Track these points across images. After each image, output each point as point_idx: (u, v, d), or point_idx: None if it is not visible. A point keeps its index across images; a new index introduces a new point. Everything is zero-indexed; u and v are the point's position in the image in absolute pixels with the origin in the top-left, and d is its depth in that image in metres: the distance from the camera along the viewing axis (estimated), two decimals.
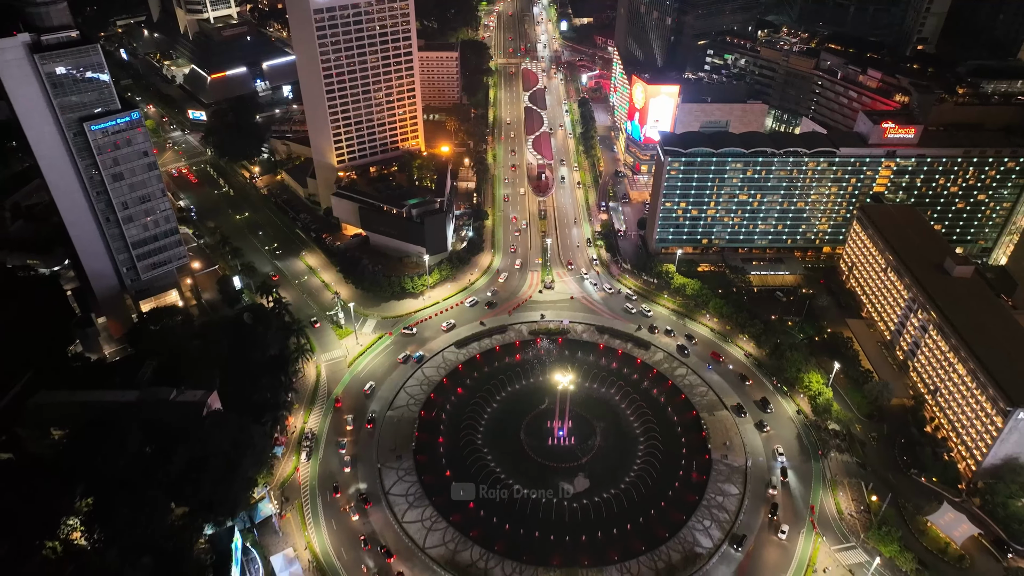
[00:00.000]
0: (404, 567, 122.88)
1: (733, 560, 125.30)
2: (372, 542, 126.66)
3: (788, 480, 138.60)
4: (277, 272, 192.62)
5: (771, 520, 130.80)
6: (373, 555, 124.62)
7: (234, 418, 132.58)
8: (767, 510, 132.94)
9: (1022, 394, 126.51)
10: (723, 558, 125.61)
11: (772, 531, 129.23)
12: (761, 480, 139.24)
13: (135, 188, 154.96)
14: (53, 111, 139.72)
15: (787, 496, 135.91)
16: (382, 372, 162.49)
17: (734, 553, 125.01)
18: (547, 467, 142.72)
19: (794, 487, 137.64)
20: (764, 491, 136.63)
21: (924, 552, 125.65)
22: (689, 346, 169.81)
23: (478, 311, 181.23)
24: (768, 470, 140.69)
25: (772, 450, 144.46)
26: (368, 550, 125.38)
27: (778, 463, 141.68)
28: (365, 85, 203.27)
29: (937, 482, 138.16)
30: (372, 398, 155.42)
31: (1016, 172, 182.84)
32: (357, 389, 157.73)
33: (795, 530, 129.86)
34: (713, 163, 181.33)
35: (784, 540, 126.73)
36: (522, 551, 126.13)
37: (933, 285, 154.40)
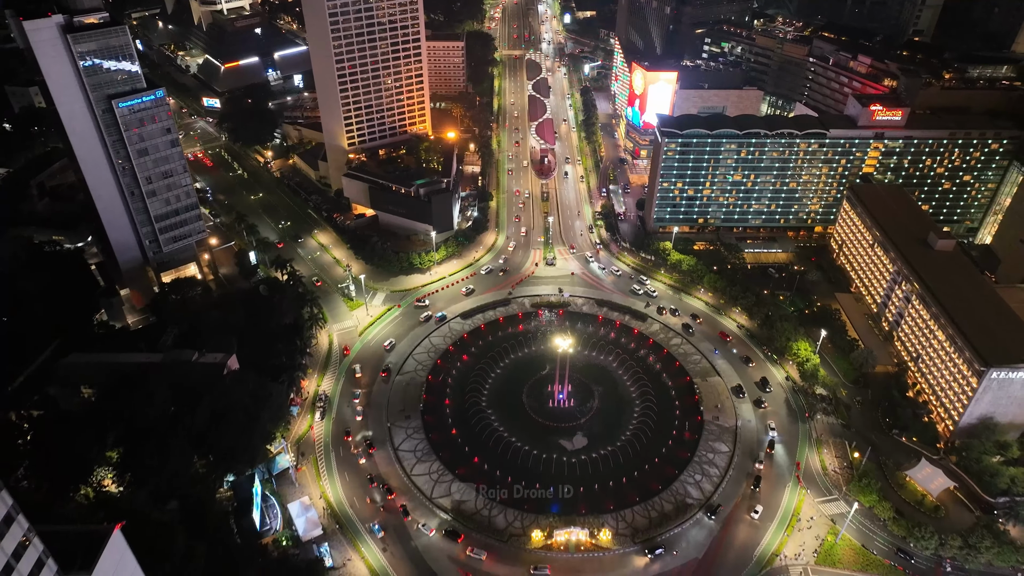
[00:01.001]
0: (404, 500, 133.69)
1: (721, 512, 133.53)
2: (377, 480, 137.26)
3: (774, 452, 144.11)
4: (286, 245, 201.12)
5: (753, 491, 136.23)
6: (378, 491, 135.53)
7: (253, 376, 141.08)
8: (750, 483, 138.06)
9: (996, 355, 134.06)
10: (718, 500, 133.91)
11: (751, 501, 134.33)
12: (750, 440, 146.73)
13: (158, 164, 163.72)
14: (84, 89, 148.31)
15: (770, 466, 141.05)
16: (397, 335, 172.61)
17: (707, 520, 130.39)
18: (548, 427, 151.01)
19: (780, 457, 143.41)
20: (751, 464, 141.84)
21: (901, 503, 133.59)
22: (694, 325, 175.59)
23: (493, 279, 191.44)
24: (758, 443, 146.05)
25: (765, 424, 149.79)
26: (374, 487, 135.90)
27: (768, 436, 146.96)
28: (375, 71, 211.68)
29: (917, 441, 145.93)
30: (391, 353, 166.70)
31: (1000, 154, 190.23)
32: (368, 356, 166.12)
33: (780, 489, 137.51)
34: (708, 144, 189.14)
35: (756, 520, 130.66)
36: (523, 501, 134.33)
37: (916, 258, 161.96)
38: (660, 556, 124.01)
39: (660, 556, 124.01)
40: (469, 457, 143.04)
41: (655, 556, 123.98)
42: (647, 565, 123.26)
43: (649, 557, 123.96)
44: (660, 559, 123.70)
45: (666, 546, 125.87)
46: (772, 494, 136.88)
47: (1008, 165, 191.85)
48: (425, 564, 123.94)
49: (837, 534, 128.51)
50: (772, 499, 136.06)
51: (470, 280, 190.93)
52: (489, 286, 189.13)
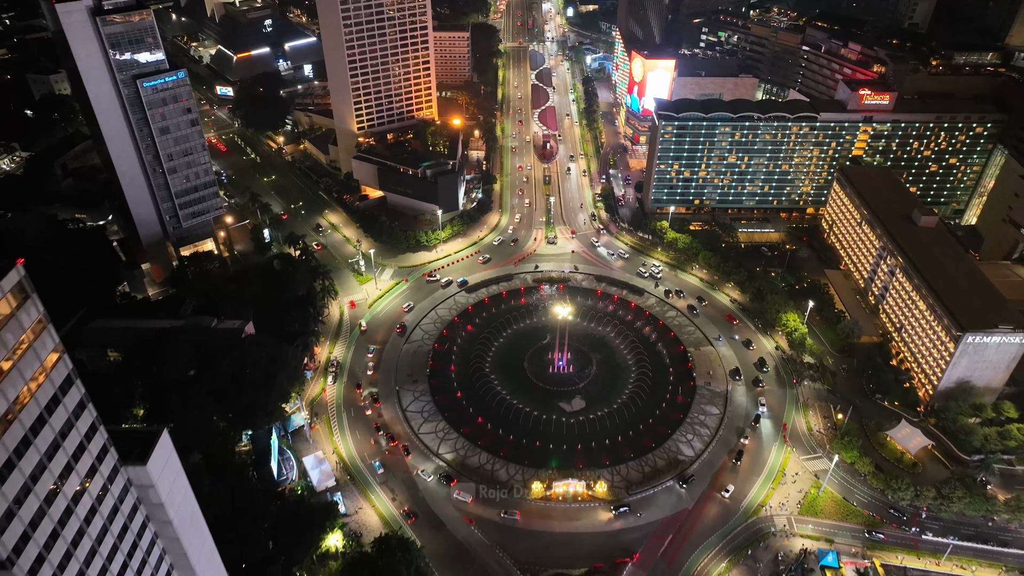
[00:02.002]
0: (401, 449, 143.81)
1: (714, 462, 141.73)
2: (383, 429, 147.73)
3: (759, 425, 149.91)
4: (299, 220, 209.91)
5: (735, 464, 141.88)
6: (384, 438, 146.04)
7: (270, 339, 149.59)
8: (731, 456, 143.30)
9: (971, 321, 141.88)
10: (704, 463, 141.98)
11: (727, 477, 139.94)
12: (740, 416, 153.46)
13: (179, 142, 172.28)
14: (110, 69, 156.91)
15: (756, 438, 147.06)
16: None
17: (683, 492, 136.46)
18: (548, 391, 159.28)
19: (767, 426, 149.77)
20: (735, 438, 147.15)
21: (881, 460, 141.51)
22: (699, 307, 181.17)
23: (505, 249, 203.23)
24: (746, 418, 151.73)
25: (756, 400, 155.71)
26: (380, 434, 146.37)
27: (757, 411, 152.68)
28: (384, 60, 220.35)
29: (898, 405, 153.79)
30: (409, 312, 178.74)
31: (984, 137, 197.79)
32: (378, 325, 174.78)
33: (767, 448, 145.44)
34: (703, 127, 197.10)
35: (726, 498, 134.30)
36: (524, 457, 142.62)
37: (901, 234, 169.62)
38: (624, 514, 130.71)
39: (624, 514, 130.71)
40: (473, 418, 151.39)
41: (619, 513, 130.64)
42: (616, 518, 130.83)
43: (613, 513, 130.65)
44: (623, 517, 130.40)
45: (632, 506, 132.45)
46: (759, 452, 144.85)
47: (992, 148, 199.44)
48: (432, 512, 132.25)
49: (820, 487, 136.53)
50: (759, 457, 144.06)
51: (479, 254, 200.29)
52: (495, 262, 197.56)
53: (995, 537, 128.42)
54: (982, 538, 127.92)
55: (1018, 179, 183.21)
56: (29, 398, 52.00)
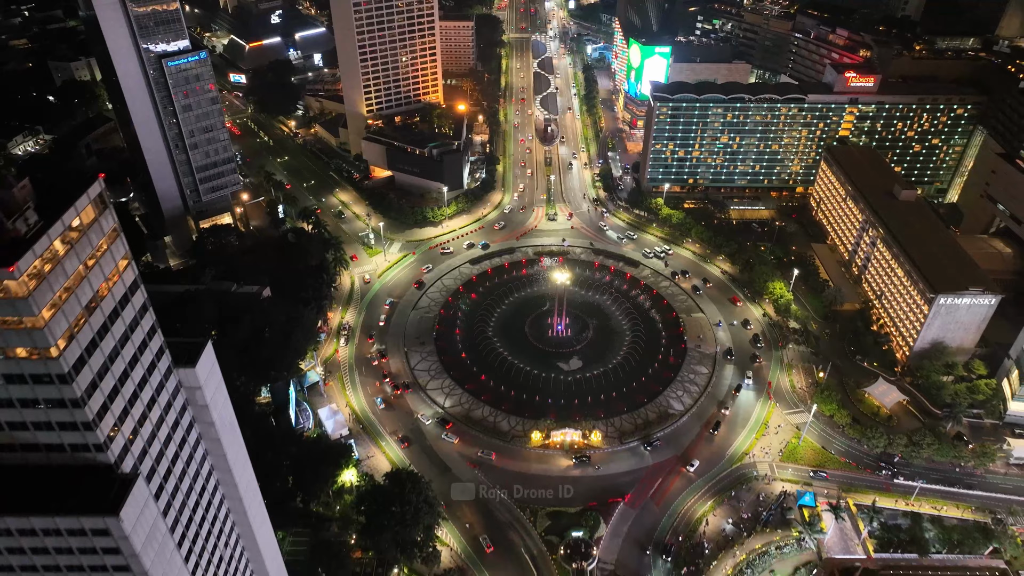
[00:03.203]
0: (406, 394, 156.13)
1: (701, 416, 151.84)
2: (390, 377, 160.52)
3: (739, 394, 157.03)
4: (318, 206, 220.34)
5: (711, 434, 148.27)
6: (389, 386, 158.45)
7: (286, 302, 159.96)
8: (708, 427, 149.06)
9: (943, 283, 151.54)
10: (692, 417, 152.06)
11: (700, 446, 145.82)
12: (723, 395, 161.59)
13: (200, 119, 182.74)
14: (137, 49, 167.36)
15: (736, 409, 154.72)
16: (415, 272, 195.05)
17: (647, 453, 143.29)
18: (547, 352, 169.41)
19: (747, 400, 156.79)
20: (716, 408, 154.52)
21: (859, 413, 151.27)
22: (702, 287, 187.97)
23: (516, 216, 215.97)
24: (728, 387, 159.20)
25: (744, 373, 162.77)
26: (385, 381, 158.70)
27: (741, 382, 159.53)
28: (392, 46, 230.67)
29: (877, 366, 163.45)
30: (428, 273, 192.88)
31: (965, 118, 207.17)
32: (386, 293, 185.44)
33: (751, 404, 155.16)
34: (697, 108, 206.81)
35: (692, 472, 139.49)
36: (524, 410, 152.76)
37: (882, 207, 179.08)
38: (584, 462, 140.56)
39: (584, 462, 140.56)
40: (477, 376, 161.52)
41: (579, 461, 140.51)
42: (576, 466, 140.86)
43: (573, 461, 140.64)
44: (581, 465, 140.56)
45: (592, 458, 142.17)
46: (743, 407, 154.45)
47: (973, 129, 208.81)
48: (439, 459, 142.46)
49: (800, 437, 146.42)
50: (743, 411, 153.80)
51: (479, 234, 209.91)
52: (497, 237, 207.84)
53: (961, 481, 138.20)
54: (949, 481, 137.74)
55: (995, 157, 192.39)
56: (107, 292, 62.07)
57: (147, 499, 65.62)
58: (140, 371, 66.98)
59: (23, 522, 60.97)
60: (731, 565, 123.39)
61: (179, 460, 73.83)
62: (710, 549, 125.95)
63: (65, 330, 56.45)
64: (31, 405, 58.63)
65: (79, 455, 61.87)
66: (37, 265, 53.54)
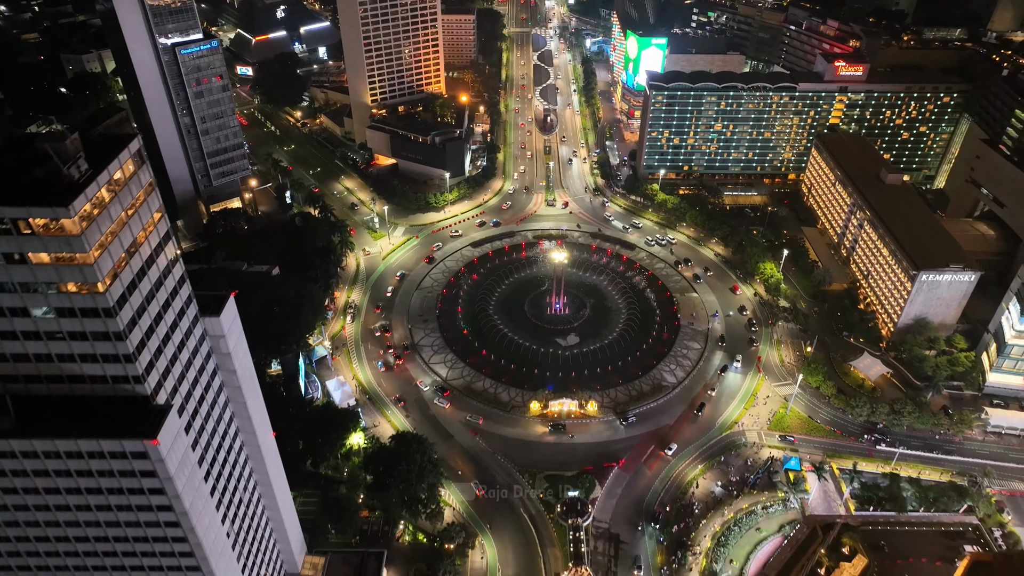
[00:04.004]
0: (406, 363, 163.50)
1: (689, 389, 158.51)
2: (393, 347, 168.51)
3: (725, 375, 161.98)
4: (316, 185, 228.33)
5: (696, 415, 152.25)
6: (391, 356, 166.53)
7: (295, 279, 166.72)
8: (692, 409, 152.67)
9: (925, 261, 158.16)
10: (681, 394, 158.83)
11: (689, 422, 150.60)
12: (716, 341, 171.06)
13: (212, 106, 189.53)
14: (152, 38, 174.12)
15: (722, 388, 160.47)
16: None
17: (621, 427, 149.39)
18: (546, 329, 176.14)
19: (733, 382, 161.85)
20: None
21: (844, 385, 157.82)
22: (703, 276, 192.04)
23: (516, 201, 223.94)
24: (716, 368, 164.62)
25: (734, 357, 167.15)
26: (389, 352, 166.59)
27: (731, 366, 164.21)
28: (396, 37, 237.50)
29: (863, 341, 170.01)
30: (439, 251, 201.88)
31: (951, 106, 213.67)
32: (391, 277, 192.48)
33: (744, 379, 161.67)
34: (691, 96, 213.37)
35: (669, 455, 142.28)
36: (524, 382, 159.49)
37: (870, 190, 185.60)
38: (561, 429, 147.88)
39: (561, 429, 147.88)
40: (479, 351, 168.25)
41: (554, 429, 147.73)
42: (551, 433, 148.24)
43: (548, 428, 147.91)
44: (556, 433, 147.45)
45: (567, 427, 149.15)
46: (733, 380, 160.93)
47: (959, 117, 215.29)
48: (442, 427, 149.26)
49: (787, 407, 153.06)
50: (733, 385, 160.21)
51: (485, 215, 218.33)
52: (488, 226, 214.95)
53: (940, 447, 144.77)
54: (928, 448, 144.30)
55: (979, 143, 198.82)
56: (144, 239, 68.71)
57: (179, 429, 72.36)
58: (172, 315, 73.69)
59: (70, 445, 67.74)
60: (719, 523, 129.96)
61: (204, 402, 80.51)
62: (699, 509, 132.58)
63: (110, 269, 63.18)
64: (79, 338, 65.32)
65: (119, 386, 68.58)
66: (87, 208, 60.23)
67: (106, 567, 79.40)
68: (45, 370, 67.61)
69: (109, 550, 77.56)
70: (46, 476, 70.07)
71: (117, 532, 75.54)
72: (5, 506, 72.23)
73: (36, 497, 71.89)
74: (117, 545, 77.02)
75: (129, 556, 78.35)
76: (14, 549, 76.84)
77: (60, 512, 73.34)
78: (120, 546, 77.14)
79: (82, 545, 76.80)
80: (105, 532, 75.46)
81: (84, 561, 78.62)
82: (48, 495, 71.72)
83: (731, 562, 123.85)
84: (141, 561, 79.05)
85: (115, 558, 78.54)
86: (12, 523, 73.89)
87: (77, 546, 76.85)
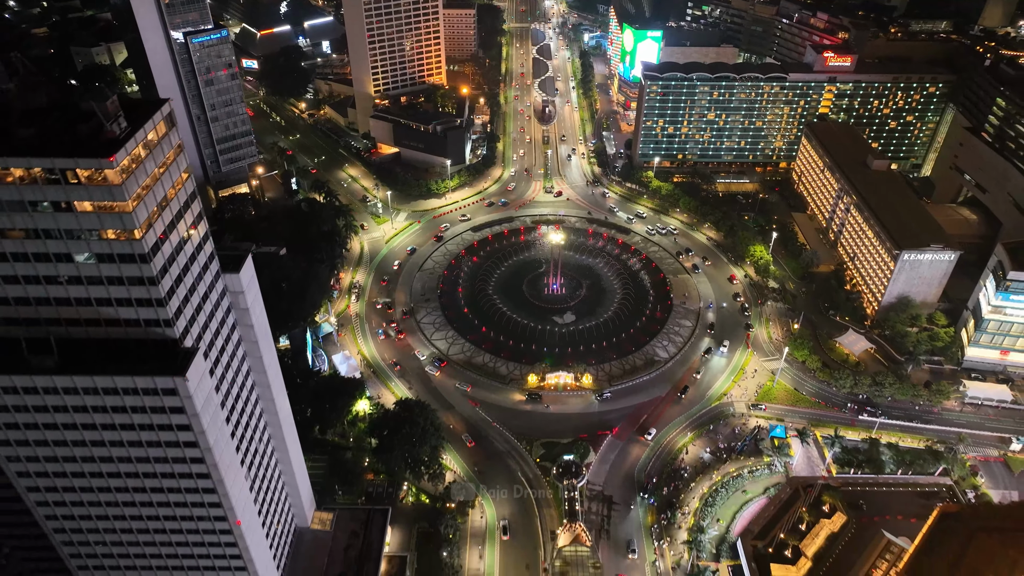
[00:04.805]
0: (408, 336, 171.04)
1: (673, 372, 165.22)
2: (396, 323, 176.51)
3: (709, 356, 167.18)
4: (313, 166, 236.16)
5: (679, 397, 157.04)
6: (393, 329, 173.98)
7: (302, 259, 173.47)
8: (675, 393, 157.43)
9: (907, 241, 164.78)
10: (675, 365, 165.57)
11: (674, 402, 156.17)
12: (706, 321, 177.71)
13: (221, 93, 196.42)
14: (165, 28, 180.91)
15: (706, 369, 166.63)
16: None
17: (595, 401, 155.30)
18: (543, 308, 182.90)
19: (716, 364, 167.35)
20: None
21: (829, 360, 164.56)
22: (702, 266, 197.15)
23: (516, 188, 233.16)
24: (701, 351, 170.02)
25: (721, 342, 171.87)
26: (392, 326, 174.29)
27: (716, 350, 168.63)
28: (399, 29, 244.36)
29: (848, 320, 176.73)
30: (447, 231, 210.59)
31: (937, 96, 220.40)
32: (397, 254, 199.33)
33: (728, 364, 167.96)
34: (685, 86, 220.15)
35: (649, 440, 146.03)
36: (522, 357, 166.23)
37: (856, 176, 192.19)
38: (536, 399, 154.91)
39: (536, 399, 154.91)
40: (478, 328, 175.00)
41: (530, 399, 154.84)
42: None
43: (527, 401, 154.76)
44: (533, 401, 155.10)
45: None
46: (717, 364, 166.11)
47: (945, 107, 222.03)
48: (443, 398, 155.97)
49: (774, 380, 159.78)
50: (717, 368, 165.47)
51: (492, 197, 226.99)
52: (497, 207, 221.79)
53: (919, 417, 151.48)
54: (908, 418, 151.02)
55: (963, 131, 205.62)
56: (174, 195, 75.40)
57: (205, 371, 79.04)
58: (197, 267, 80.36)
59: (107, 381, 74.33)
60: (707, 486, 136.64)
61: (225, 353, 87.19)
62: (689, 473, 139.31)
63: (145, 219, 69.82)
64: (116, 283, 71.87)
65: (151, 330, 75.20)
66: (126, 162, 66.85)
67: (135, 503, 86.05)
68: (84, 314, 74.23)
69: (139, 486, 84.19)
70: (84, 412, 76.64)
71: (147, 468, 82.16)
72: (47, 441, 78.82)
73: (74, 433, 78.45)
74: (146, 481, 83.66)
75: (157, 492, 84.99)
76: (52, 485, 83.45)
77: (96, 448, 79.93)
78: (149, 482, 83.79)
79: (114, 481, 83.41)
80: (136, 468, 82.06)
81: (115, 497, 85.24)
82: (85, 431, 78.28)
83: (718, 521, 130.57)
84: (168, 497, 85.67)
85: (144, 494, 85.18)
86: (51, 459, 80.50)
87: (109, 482, 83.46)
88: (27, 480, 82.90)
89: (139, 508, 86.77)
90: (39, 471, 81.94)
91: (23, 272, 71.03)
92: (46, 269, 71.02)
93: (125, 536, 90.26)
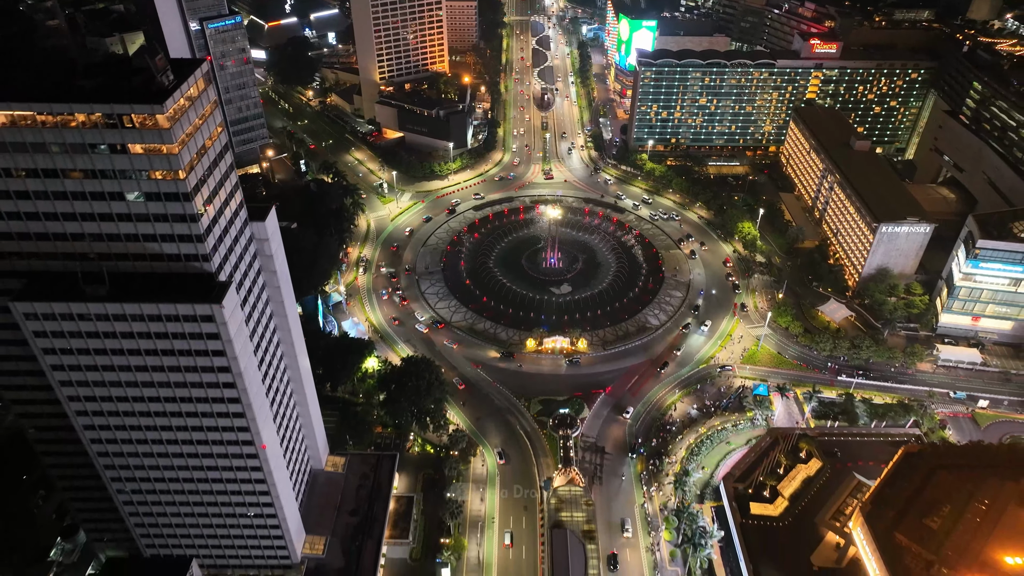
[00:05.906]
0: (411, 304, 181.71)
1: (663, 337, 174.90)
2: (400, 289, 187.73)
3: (687, 331, 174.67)
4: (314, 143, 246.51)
5: (659, 372, 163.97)
6: (397, 296, 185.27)
7: (313, 231, 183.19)
8: (657, 364, 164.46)
9: (885, 214, 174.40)
10: (664, 332, 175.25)
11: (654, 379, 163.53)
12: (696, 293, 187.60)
13: (234, 76, 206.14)
14: (182, 12, 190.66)
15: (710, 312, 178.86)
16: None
17: (564, 364, 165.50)
18: (541, 280, 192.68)
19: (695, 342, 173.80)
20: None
21: (811, 326, 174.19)
22: (699, 252, 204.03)
23: (516, 170, 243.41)
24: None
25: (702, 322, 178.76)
26: (397, 293, 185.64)
27: (697, 329, 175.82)
28: (403, 18, 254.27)
29: (831, 291, 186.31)
30: (456, 207, 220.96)
31: (919, 82, 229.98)
32: (399, 236, 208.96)
33: (719, 320, 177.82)
34: (678, 72, 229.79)
35: (627, 418, 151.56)
36: (520, 323, 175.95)
37: (840, 156, 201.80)
38: (509, 357, 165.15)
39: (509, 357, 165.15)
40: (479, 298, 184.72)
41: (503, 355, 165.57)
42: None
43: (500, 358, 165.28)
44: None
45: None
46: (696, 341, 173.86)
47: (927, 93, 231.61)
48: (446, 360, 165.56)
49: (758, 344, 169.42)
50: (695, 345, 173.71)
51: (481, 187, 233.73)
52: (497, 188, 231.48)
53: (895, 378, 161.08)
54: (883, 378, 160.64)
55: (943, 113, 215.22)
56: (211, 145, 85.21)
57: (237, 303, 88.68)
58: (229, 211, 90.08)
59: (152, 308, 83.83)
60: (694, 438, 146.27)
61: (253, 292, 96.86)
62: (676, 427, 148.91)
63: (188, 162, 79.44)
64: (162, 220, 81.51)
65: (190, 264, 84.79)
66: (173, 111, 76.55)
67: (172, 427, 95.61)
68: (132, 249, 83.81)
69: (176, 410, 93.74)
70: (131, 338, 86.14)
71: (183, 393, 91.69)
72: (96, 366, 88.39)
73: (121, 358, 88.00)
74: (183, 405, 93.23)
75: (191, 416, 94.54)
76: (99, 409, 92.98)
77: (139, 372, 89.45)
78: (185, 406, 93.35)
79: (154, 405, 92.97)
80: (174, 393, 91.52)
81: (155, 421, 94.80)
82: (131, 356, 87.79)
83: (702, 468, 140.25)
84: (201, 422, 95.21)
85: (180, 418, 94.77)
86: (99, 383, 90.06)
87: (150, 406, 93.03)
88: (77, 404, 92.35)
89: (175, 432, 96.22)
90: (88, 395, 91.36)
91: (81, 210, 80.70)
92: (101, 207, 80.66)
93: (162, 460, 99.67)
